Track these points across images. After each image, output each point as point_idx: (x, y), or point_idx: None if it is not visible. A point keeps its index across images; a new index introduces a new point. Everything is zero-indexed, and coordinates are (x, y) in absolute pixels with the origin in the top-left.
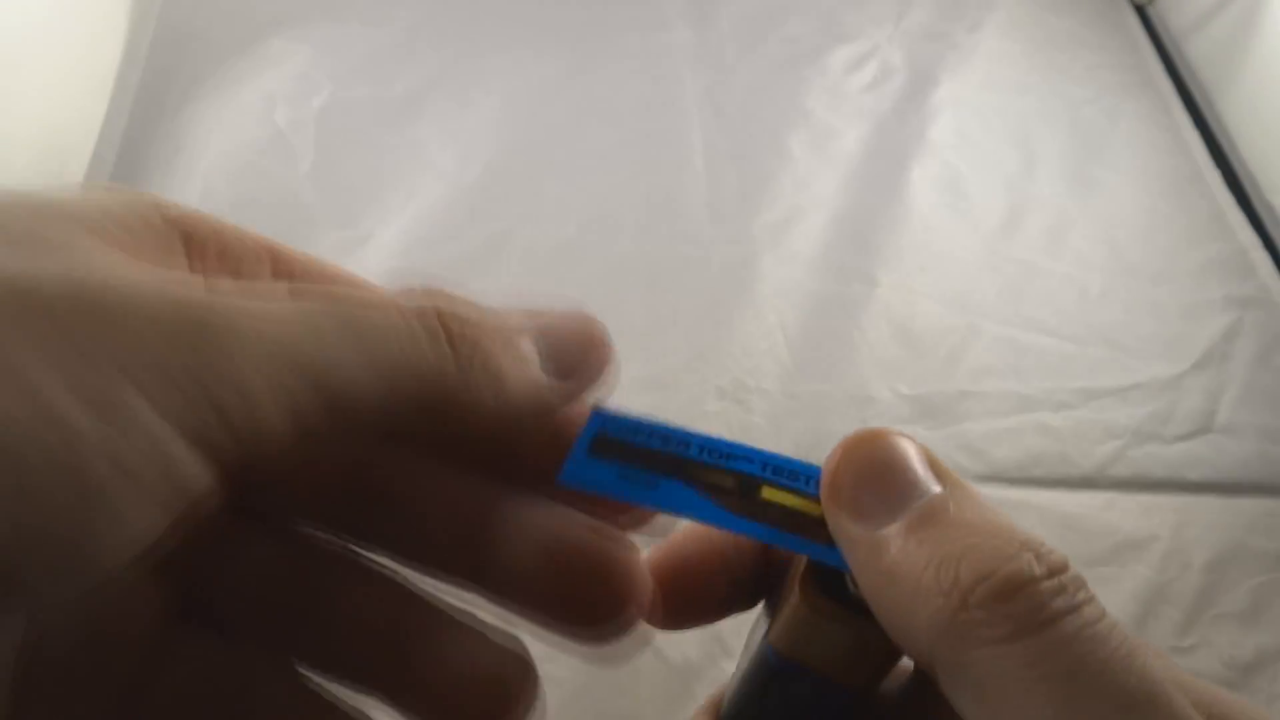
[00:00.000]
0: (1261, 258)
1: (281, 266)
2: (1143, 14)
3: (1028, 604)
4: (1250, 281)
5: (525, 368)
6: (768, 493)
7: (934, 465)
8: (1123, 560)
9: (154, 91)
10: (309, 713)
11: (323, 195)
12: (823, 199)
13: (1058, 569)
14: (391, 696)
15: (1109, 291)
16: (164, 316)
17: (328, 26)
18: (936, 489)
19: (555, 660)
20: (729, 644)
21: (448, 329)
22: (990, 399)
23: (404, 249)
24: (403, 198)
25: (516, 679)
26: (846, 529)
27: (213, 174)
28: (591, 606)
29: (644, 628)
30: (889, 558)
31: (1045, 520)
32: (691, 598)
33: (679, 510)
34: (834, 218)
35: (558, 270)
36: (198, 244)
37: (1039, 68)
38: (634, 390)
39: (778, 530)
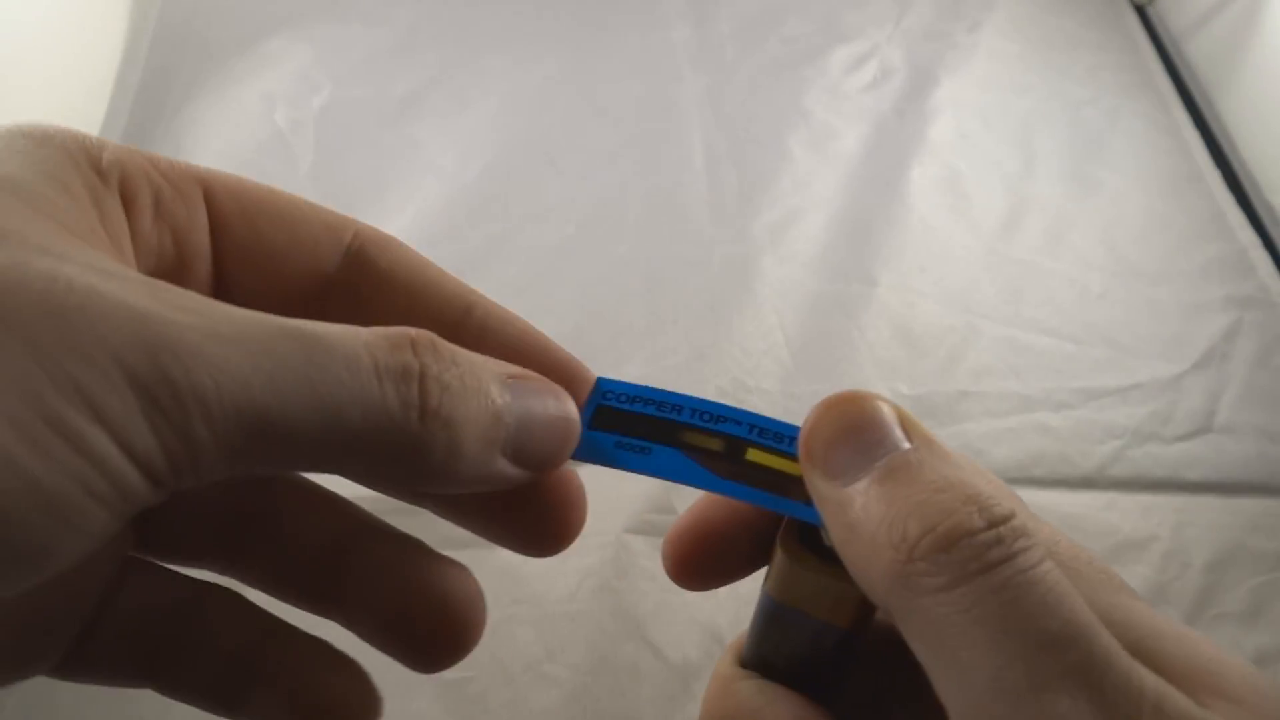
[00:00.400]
0: (1261, 258)
1: (215, 202)
2: (1143, 14)
3: (965, 554)
4: (1250, 281)
5: (489, 452)
6: (753, 454)
7: (906, 424)
8: (1123, 560)
9: (154, 91)
10: (261, 635)
11: (323, 195)
12: (823, 199)
13: (998, 520)
14: (345, 615)
15: (1109, 291)
16: (135, 337)
17: (328, 26)
18: (905, 447)
19: (555, 660)
20: (728, 643)
21: (425, 399)
22: (990, 399)
23: None
24: (403, 198)
25: (462, 597)
26: (818, 486)
27: None
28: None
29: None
30: (852, 513)
31: (1045, 520)
32: (719, 558)
33: (670, 476)
34: (834, 218)
35: (558, 270)
36: (133, 194)
37: (1039, 68)
38: None
39: (761, 491)
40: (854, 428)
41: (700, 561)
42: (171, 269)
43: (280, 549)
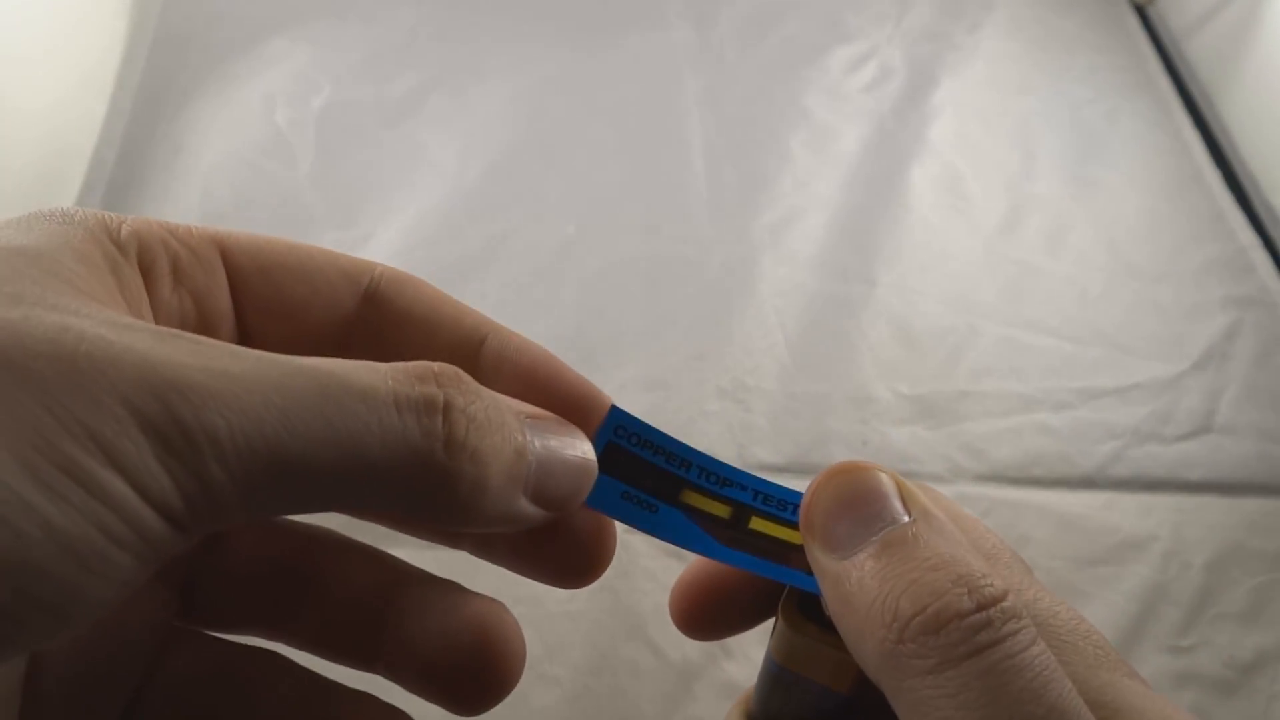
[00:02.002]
0: (1261, 258)
1: (233, 261)
2: (1143, 14)
3: (952, 637)
4: (1250, 281)
5: (513, 489)
6: (756, 523)
7: (905, 494)
8: (1123, 560)
9: (154, 92)
10: (307, 693)
11: (323, 195)
12: (823, 199)
13: (988, 602)
14: (387, 665)
15: (1109, 291)
16: (143, 381)
17: (328, 26)
18: (903, 520)
19: (555, 660)
20: (729, 645)
21: (451, 430)
22: (990, 399)
23: (404, 249)
24: (403, 198)
25: (501, 632)
26: (817, 558)
27: (213, 174)
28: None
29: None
30: (848, 587)
31: (1045, 520)
32: (722, 610)
33: (673, 539)
34: (834, 218)
35: (558, 270)
36: (150, 262)
37: (1039, 68)
38: (634, 390)
39: (762, 560)
40: (853, 500)
41: (706, 614)
42: (194, 331)
43: (323, 607)
